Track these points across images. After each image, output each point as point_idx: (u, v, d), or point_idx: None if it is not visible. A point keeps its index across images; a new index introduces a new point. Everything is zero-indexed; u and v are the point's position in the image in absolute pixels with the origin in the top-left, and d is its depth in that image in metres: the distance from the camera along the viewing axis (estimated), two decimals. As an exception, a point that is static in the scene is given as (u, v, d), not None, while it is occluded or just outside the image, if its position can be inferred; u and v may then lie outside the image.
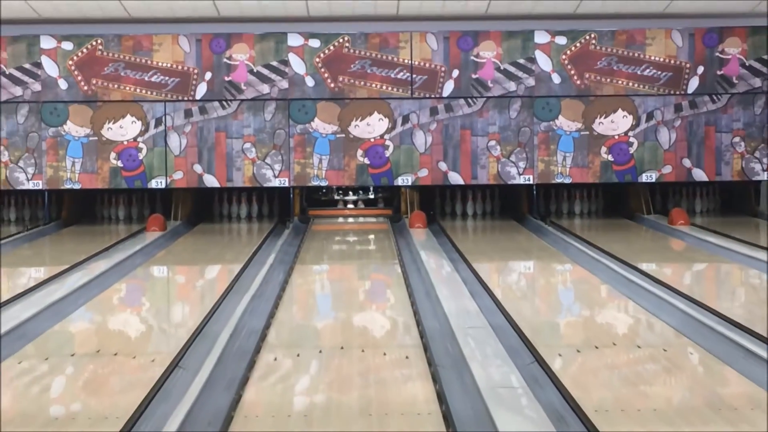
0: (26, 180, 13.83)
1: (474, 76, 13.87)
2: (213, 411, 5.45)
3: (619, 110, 13.90)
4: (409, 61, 13.83)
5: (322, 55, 13.80)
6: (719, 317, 7.57)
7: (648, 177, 14.01)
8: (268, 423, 5.32)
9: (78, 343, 7.49)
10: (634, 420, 5.22)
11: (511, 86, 13.88)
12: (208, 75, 13.78)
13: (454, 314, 7.64)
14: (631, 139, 13.93)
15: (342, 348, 7.04)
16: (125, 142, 13.82)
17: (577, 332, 7.79)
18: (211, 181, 13.92)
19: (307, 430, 5.24)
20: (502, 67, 13.86)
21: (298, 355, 6.81)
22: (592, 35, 13.80)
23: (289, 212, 14.49)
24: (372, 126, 13.90)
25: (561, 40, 13.82)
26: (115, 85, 13.74)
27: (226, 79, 13.81)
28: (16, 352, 6.90)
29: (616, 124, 13.91)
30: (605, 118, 13.91)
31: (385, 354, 6.81)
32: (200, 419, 5.27)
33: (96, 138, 13.78)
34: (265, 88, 13.82)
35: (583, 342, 7.26)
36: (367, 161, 13.93)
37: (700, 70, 13.86)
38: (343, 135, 13.89)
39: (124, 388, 6.03)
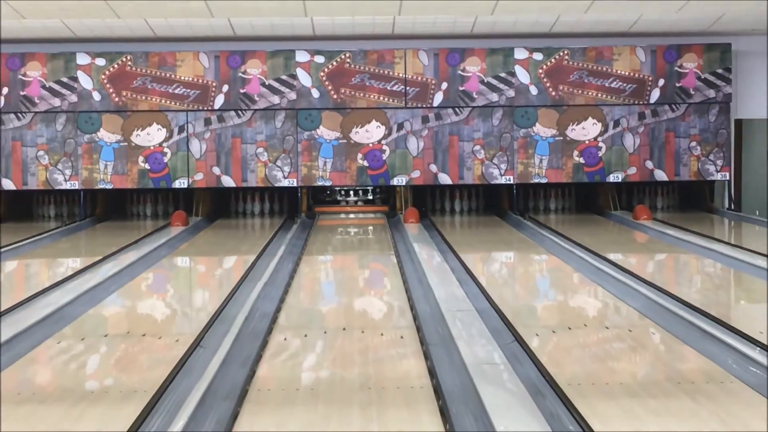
0: (64, 181, 13.93)
1: (461, 88, 13.95)
2: (230, 385, 5.46)
3: (590, 118, 14.00)
4: (403, 75, 13.88)
5: (326, 69, 13.86)
6: (678, 301, 7.58)
7: (615, 177, 14.11)
8: (279, 396, 5.36)
9: (110, 325, 7.56)
10: (603, 392, 5.29)
11: (494, 97, 13.96)
12: (225, 87, 13.86)
13: (443, 299, 7.65)
14: (600, 144, 14.02)
15: (344, 329, 7.07)
16: (152, 147, 13.92)
17: (552, 315, 7.84)
18: (227, 182, 14.02)
19: (313, 403, 5.27)
20: (485, 80, 13.94)
21: (305, 336, 6.85)
22: (565, 51, 13.87)
23: (297, 209, 14.48)
24: (370, 132, 14.00)
25: (538, 56, 13.88)
26: (143, 97, 13.83)
27: (241, 91, 13.87)
28: (55, 333, 6.92)
29: (587, 130, 14.01)
30: (577, 125, 14.01)
31: (382, 334, 6.89)
32: (219, 392, 5.29)
33: (126, 143, 13.88)
34: (275, 99, 13.90)
35: (558, 323, 7.32)
36: (366, 164, 14.02)
37: (661, 82, 13.93)
38: (345, 140, 13.98)
39: (152, 365, 6.10)
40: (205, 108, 13.94)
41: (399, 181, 14.12)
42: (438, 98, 13.99)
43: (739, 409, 4.99)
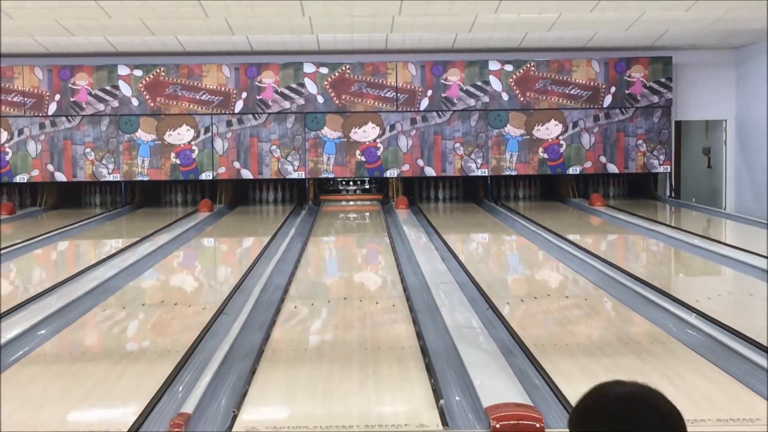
0: (107, 174, 13.91)
1: (443, 95, 13.90)
2: (249, 346, 5.50)
3: (552, 120, 13.96)
4: (395, 84, 13.84)
5: (329, 79, 13.82)
6: (627, 274, 7.62)
7: (573, 170, 14.10)
8: (289, 355, 5.40)
9: (147, 296, 7.56)
10: (563, 352, 5.33)
11: (471, 102, 13.92)
12: (244, 94, 13.81)
13: (429, 273, 7.68)
14: (561, 142, 13.99)
15: (345, 299, 7.09)
16: (182, 145, 13.90)
17: (521, 286, 7.89)
18: (246, 174, 13.98)
19: (319, 361, 5.29)
20: (464, 88, 13.89)
21: (312, 304, 6.86)
22: (532, 63, 13.82)
23: (305, 197, 14.46)
24: (367, 132, 13.95)
25: (508, 68, 13.84)
26: (174, 102, 13.80)
27: (257, 97, 13.82)
28: (101, 302, 6.95)
29: (550, 130, 13.97)
30: (542, 126, 13.96)
31: (377, 303, 6.91)
32: (239, 352, 5.33)
33: (160, 142, 13.86)
34: (286, 104, 13.85)
35: (525, 293, 7.36)
36: (363, 159, 13.97)
37: (613, 89, 13.90)
38: (345, 139, 13.94)
39: (182, 329, 6.09)
40: (227, 112, 13.89)
41: (391, 173, 14.10)
42: (424, 103, 13.95)
43: (677, 365, 5.04)
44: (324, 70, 13.88)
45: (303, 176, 14.11)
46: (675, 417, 1.52)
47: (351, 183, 14.91)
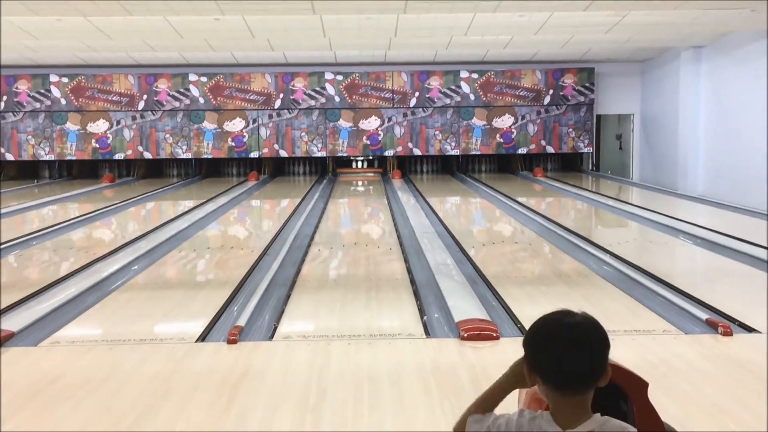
0: (182, 153, 13.84)
1: (427, 96, 13.79)
2: (285, 277, 5.51)
3: (506, 114, 13.83)
4: (391, 87, 13.73)
5: (343, 84, 13.69)
6: (560, 226, 7.65)
7: (522, 150, 13.98)
8: (314, 285, 5.40)
9: (211, 242, 7.54)
10: (514, 282, 5.33)
11: (447, 101, 13.80)
12: (281, 95, 13.68)
13: (416, 226, 7.73)
14: (513, 130, 13.86)
15: (355, 244, 7.11)
16: (236, 132, 13.79)
17: (482, 234, 7.87)
18: (283, 153, 13.90)
19: (336, 288, 5.31)
20: (442, 90, 13.77)
21: (331, 248, 6.88)
22: (492, 72, 13.69)
23: (326, 171, 14.41)
24: (371, 123, 13.83)
25: (475, 75, 13.70)
26: (230, 101, 13.68)
27: (291, 97, 13.71)
28: (177, 246, 6.97)
29: (505, 122, 13.84)
30: (498, 118, 13.83)
31: (378, 247, 6.91)
32: (278, 282, 5.34)
33: (220, 130, 13.75)
34: (312, 102, 13.73)
35: (486, 240, 7.35)
36: (368, 142, 13.88)
37: (551, 92, 13.79)
38: (356, 128, 13.83)
39: (237, 266, 6.07)
40: (269, 108, 13.79)
41: (389, 153, 14.02)
42: (413, 102, 13.84)
43: (596, 291, 5.06)
44: (340, 77, 13.76)
45: (324, 155, 14.04)
46: (597, 325, 1.55)
47: (359, 160, 14.77)
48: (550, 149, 14.10)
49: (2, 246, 6.91)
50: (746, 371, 3.45)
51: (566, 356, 1.53)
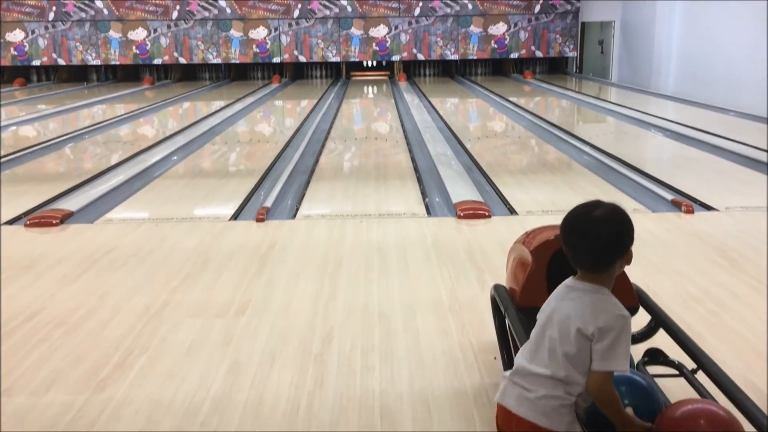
0: (213, 58, 13.49)
1: (429, 5, 13.27)
2: (305, 166, 5.51)
3: (501, 22, 13.39)
4: (398, -3, 13.30)
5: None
6: (546, 121, 7.56)
7: (514, 55, 13.63)
8: (331, 173, 5.37)
9: (240, 136, 7.46)
10: (505, 170, 5.27)
11: (448, 10, 13.30)
12: (300, 6, 13.18)
13: (419, 121, 7.66)
14: (506, 36, 13.46)
15: (366, 137, 7.04)
16: (260, 39, 13.39)
17: (478, 129, 7.73)
18: (302, 59, 13.56)
19: (350, 177, 5.28)
20: (443, 1, 13.23)
21: (345, 141, 6.83)
22: (488, -16, 13.16)
23: (340, 74, 14.11)
24: (380, 31, 13.40)
25: (473, -14, 13.22)
26: (254, 11, 13.16)
27: (309, 7, 13.20)
28: (210, 140, 6.92)
29: (499, 29, 13.41)
30: (493, 26, 13.40)
31: (386, 140, 6.85)
32: (299, 170, 5.33)
33: (246, 37, 13.35)
34: (327, 12, 13.23)
35: (481, 134, 7.24)
36: (377, 48, 13.51)
37: (541, 1, 13.26)
38: (366, 35, 13.42)
39: (263, 156, 6.05)
40: (289, 18, 13.35)
41: (396, 58, 13.66)
42: (417, 11, 13.36)
43: (577, 177, 5.02)
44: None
45: (338, 60, 13.70)
46: (609, 217, 1.47)
47: (369, 64, 14.46)
48: (539, 54, 13.71)
49: (60, 139, 6.88)
50: (704, 243, 3.46)
51: (569, 243, 1.49)
